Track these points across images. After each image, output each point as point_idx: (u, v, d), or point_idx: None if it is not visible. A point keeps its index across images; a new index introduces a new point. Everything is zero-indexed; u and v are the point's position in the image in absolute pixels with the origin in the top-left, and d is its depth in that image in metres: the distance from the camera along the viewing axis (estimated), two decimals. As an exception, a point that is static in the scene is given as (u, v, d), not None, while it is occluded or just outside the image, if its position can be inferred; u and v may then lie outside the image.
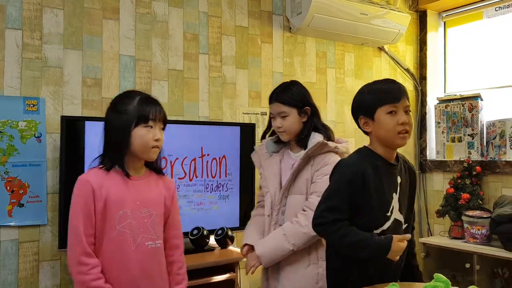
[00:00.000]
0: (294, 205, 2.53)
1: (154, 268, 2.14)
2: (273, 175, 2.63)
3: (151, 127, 2.10)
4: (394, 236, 2.06)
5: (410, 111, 2.15)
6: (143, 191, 2.15)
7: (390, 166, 2.20)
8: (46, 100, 2.95)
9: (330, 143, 2.51)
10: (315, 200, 2.41)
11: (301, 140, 2.58)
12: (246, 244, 2.60)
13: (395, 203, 2.17)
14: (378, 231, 2.12)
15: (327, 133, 2.59)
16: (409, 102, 2.17)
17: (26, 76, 2.91)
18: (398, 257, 2.07)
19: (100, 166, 2.11)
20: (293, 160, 2.60)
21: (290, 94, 2.56)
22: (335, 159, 2.49)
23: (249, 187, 3.45)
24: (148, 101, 2.13)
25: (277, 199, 2.56)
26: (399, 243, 2.05)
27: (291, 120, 2.54)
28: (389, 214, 2.15)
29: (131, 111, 2.08)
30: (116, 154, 2.09)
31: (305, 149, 2.54)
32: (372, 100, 2.17)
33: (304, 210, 2.47)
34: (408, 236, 2.12)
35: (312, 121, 2.59)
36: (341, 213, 2.10)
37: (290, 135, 2.57)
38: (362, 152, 2.23)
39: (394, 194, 2.17)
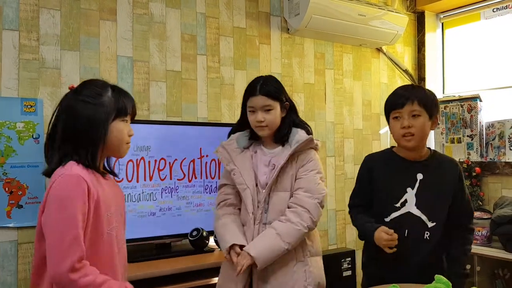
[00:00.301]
0: (279, 203, 2.47)
1: (124, 273, 2.07)
2: (247, 171, 2.51)
3: (126, 121, 2.00)
4: (381, 226, 2.35)
5: (419, 115, 2.37)
6: (115, 192, 2.04)
7: (408, 164, 2.47)
8: (43, 101, 2.93)
9: (315, 140, 2.54)
10: (302, 196, 2.45)
11: (281, 136, 2.52)
12: (234, 245, 2.40)
13: (409, 197, 2.41)
14: (388, 219, 2.44)
15: (308, 129, 2.59)
16: (422, 105, 2.37)
17: (24, 77, 2.90)
18: (388, 249, 2.32)
19: (74, 162, 1.87)
20: (268, 157, 2.53)
21: (274, 87, 2.49)
22: (316, 155, 2.56)
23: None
24: (124, 92, 2.01)
25: (261, 196, 2.48)
26: (380, 232, 2.33)
27: (275, 114, 2.48)
28: (398, 205, 2.43)
29: (107, 102, 1.92)
30: (90, 150, 1.90)
31: (282, 145, 2.52)
32: (386, 107, 2.50)
33: (291, 207, 2.44)
34: (390, 231, 2.31)
35: (291, 117, 2.56)
36: (357, 200, 2.63)
37: (271, 130, 2.50)
38: (384, 151, 2.67)
39: (410, 189, 2.43)
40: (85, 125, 1.88)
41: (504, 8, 4.34)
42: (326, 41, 4.23)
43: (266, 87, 2.47)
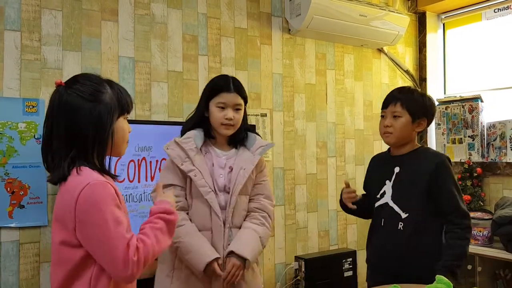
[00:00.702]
0: (241, 207, 2.45)
1: None
2: (207, 173, 2.38)
3: (126, 118, 1.85)
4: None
5: (399, 116, 2.54)
6: None
7: (389, 158, 2.67)
8: (45, 102, 2.92)
9: None
10: (265, 202, 2.52)
11: (239, 138, 2.51)
12: (216, 258, 2.30)
13: (387, 189, 2.57)
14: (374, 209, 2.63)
15: (260, 135, 2.63)
16: (404, 108, 2.54)
17: (25, 77, 2.91)
18: (351, 204, 2.61)
19: (87, 167, 1.71)
20: (223, 159, 2.47)
21: (243, 89, 2.48)
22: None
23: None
24: (121, 87, 1.84)
25: (221, 199, 2.40)
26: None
27: (241, 115, 2.46)
28: (378, 196, 2.61)
29: (108, 99, 1.75)
30: (98, 153, 1.74)
31: (235, 148, 2.51)
32: None
33: (258, 212, 2.49)
34: (349, 189, 2.63)
35: (245, 121, 2.55)
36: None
37: (234, 131, 2.45)
38: (386, 150, 2.78)
39: (388, 181, 2.58)
40: (90, 125, 1.71)
41: (506, 9, 4.34)
42: (327, 42, 4.23)
43: (239, 85, 2.46)
